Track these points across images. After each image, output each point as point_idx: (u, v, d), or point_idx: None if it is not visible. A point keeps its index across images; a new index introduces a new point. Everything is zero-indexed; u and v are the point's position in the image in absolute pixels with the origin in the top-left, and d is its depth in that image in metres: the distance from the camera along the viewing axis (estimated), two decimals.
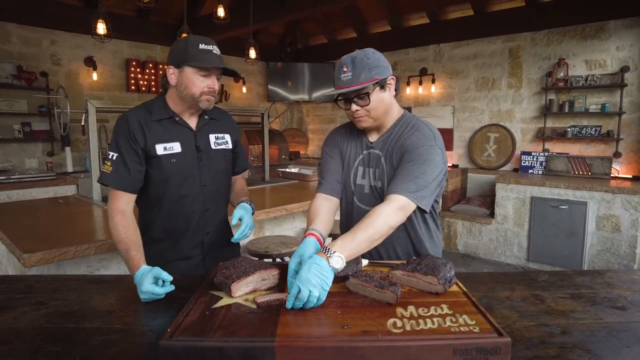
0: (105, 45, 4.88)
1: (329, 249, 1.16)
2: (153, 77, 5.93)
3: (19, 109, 4.82)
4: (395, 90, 1.49)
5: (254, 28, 5.06)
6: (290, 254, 2.65)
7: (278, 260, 2.63)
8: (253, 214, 1.70)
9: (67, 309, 1.15)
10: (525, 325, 1.05)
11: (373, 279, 1.13)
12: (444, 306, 1.06)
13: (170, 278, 1.22)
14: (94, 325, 1.05)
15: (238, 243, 1.75)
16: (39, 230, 2.26)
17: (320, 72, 7.10)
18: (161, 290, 1.19)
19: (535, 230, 4.51)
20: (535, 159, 4.99)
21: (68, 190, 4.51)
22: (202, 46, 1.48)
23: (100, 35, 3.85)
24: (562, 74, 4.76)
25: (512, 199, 4.68)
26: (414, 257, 1.29)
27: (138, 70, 5.78)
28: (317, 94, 7.17)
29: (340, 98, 1.49)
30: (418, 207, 1.36)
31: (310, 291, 1.05)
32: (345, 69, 1.40)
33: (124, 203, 1.49)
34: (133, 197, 1.52)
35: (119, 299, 1.22)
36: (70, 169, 4.95)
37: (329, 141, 1.66)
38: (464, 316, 1.00)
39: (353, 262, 1.26)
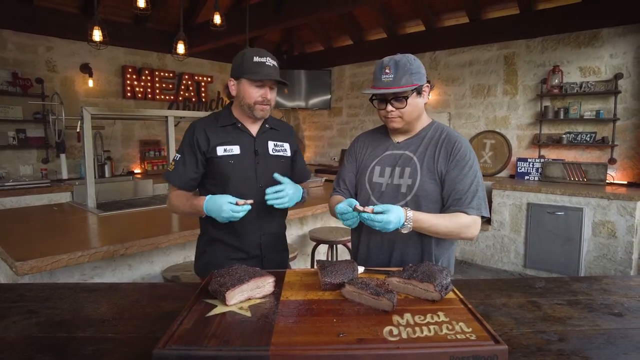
0: (102, 52, 4.89)
1: (411, 216, 1.38)
2: (149, 84, 5.93)
3: (14, 115, 4.80)
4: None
5: (250, 35, 5.08)
6: None
7: None
8: (303, 200, 1.77)
9: (59, 318, 1.13)
10: (522, 332, 1.05)
11: (369, 286, 1.12)
12: (441, 313, 1.06)
13: (235, 200, 1.50)
14: (87, 335, 1.03)
15: (287, 250, 1.88)
16: (32, 238, 2.23)
17: (316, 78, 7.13)
18: (239, 210, 1.48)
19: (531, 236, 4.51)
20: (531, 166, 5.01)
21: (63, 197, 4.47)
22: (256, 59, 1.60)
23: (96, 42, 3.86)
24: (556, 80, 4.79)
25: (508, 205, 4.69)
26: (411, 265, 1.28)
27: (134, 77, 5.78)
28: (313, 101, 7.19)
29: (375, 97, 1.55)
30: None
31: (379, 228, 1.34)
32: (387, 71, 1.46)
33: None
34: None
35: (112, 308, 1.20)
36: (65, 176, 4.92)
37: (349, 147, 1.77)
38: (461, 323, 0.99)
39: (349, 270, 1.25)
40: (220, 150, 1.65)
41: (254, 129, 1.73)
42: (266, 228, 1.73)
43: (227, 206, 1.48)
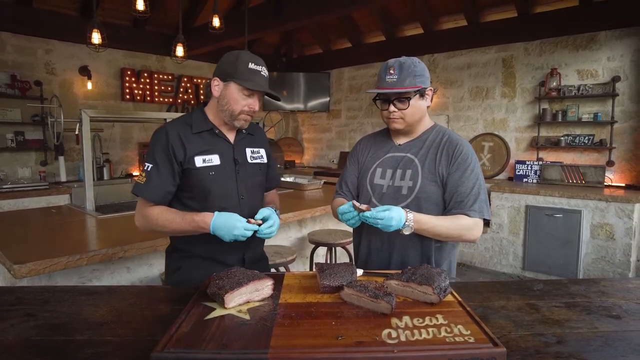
0: (101, 54, 4.89)
1: (411, 218, 1.39)
2: (148, 87, 5.93)
3: (13, 118, 4.79)
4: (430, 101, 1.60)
5: (249, 38, 5.09)
6: (285, 264, 2.64)
7: (272, 270, 2.61)
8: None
9: (57, 320, 1.13)
10: (520, 334, 1.05)
11: (368, 289, 1.12)
12: (439, 316, 1.06)
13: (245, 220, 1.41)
14: (85, 338, 1.03)
15: (266, 257, 1.81)
16: (31, 240, 2.23)
17: (315, 81, 7.13)
18: (251, 229, 1.40)
19: (530, 239, 4.52)
20: (529, 168, 5.01)
21: (61, 200, 4.47)
22: (251, 65, 1.49)
23: (95, 44, 3.86)
24: (554, 83, 4.81)
25: (507, 207, 4.69)
26: (409, 267, 1.28)
27: (133, 79, 5.78)
28: (312, 103, 7.19)
29: (378, 98, 1.57)
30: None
31: (382, 227, 1.35)
32: (392, 72, 1.48)
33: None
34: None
35: (111, 310, 1.20)
36: (63, 178, 4.91)
37: (352, 150, 1.78)
38: (459, 326, 1.00)
39: (347, 273, 1.26)
40: (198, 161, 1.51)
41: (231, 135, 1.61)
42: (250, 242, 1.56)
43: (241, 224, 1.39)
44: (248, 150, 1.66)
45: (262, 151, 1.73)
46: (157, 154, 1.49)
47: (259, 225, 1.44)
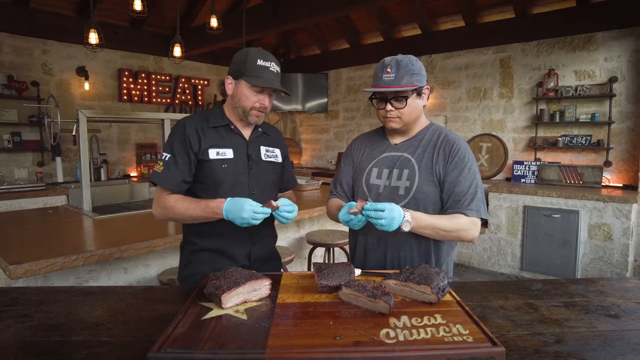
0: (98, 55, 4.88)
1: (409, 215, 1.37)
2: (145, 87, 5.92)
3: (9, 118, 4.78)
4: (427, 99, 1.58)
5: (247, 39, 5.08)
6: (283, 265, 2.63)
7: None
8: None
9: (53, 321, 1.12)
10: (519, 334, 1.04)
11: (366, 288, 1.11)
12: (438, 316, 1.05)
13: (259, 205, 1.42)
14: (80, 338, 1.02)
15: (279, 258, 1.82)
16: (27, 241, 2.22)
17: (313, 82, 7.13)
18: (260, 212, 1.38)
19: (528, 239, 4.52)
20: (527, 168, 5.02)
21: (58, 200, 4.46)
22: (260, 62, 1.52)
23: (92, 45, 3.85)
24: (552, 84, 4.82)
25: (505, 208, 4.70)
26: (407, 267, 1.28)
27: (130, 80, 5.77)
28: (310, 104, 7.19)
29: (374, 97, 1.55)
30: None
31: (386, 219, 1.32)
32: (388, 70, 1.46)
33: None
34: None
35: (107, 311, 1.19)
36: (60, 179, 4.89)
37: (347, 149, 1.76)
38: (458, 326, 0.99)
39: (345, 272, 1.25)
40: (212, 153, 1.56)
41: (246, 132, 1.65)
42: (256, 238, 1.65)
43: (250, 207, 1.39)
44: (263, 149, 1.69)
45: (277, 151, 1.75)
46: (174, 144, 1.55)
47: (276, 207, 1.42)
